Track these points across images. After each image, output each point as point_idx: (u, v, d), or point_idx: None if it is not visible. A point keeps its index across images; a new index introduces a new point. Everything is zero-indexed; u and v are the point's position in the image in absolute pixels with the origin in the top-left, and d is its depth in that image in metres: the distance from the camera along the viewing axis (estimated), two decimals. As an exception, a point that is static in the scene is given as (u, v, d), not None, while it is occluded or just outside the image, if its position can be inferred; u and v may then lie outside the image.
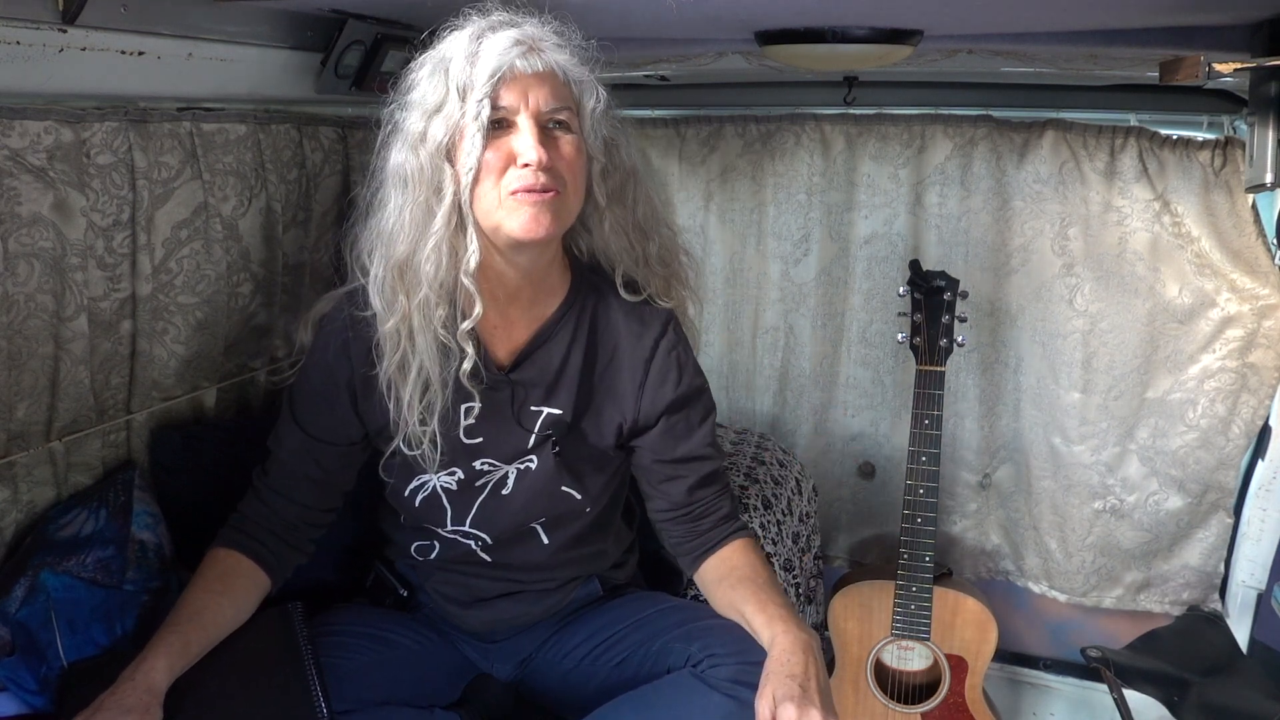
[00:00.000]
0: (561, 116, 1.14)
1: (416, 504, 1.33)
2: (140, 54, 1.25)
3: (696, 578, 1.39)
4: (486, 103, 1.09)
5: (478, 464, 1.30)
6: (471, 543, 1.35)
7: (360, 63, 1.55)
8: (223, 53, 1.38)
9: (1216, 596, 2.19)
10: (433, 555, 1.38)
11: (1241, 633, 2.09)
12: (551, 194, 1.13)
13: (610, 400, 1.32)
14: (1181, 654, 1.94)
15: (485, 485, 1.31)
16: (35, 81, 1.13)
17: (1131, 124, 2.04)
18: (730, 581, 1.31)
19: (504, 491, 1.32)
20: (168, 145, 1.44)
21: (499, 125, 1.11)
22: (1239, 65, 1.18)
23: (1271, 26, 1.23)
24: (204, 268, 1.56)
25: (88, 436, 1.44)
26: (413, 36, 1.17)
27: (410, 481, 1.31)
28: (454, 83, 1.10)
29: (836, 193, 2.30)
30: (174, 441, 1.55)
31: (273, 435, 1.33)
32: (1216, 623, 2.09)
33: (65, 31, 1.12)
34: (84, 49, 1.16)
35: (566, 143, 1.15)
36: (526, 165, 1.10)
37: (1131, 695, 1.81)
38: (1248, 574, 2.09)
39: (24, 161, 1.23)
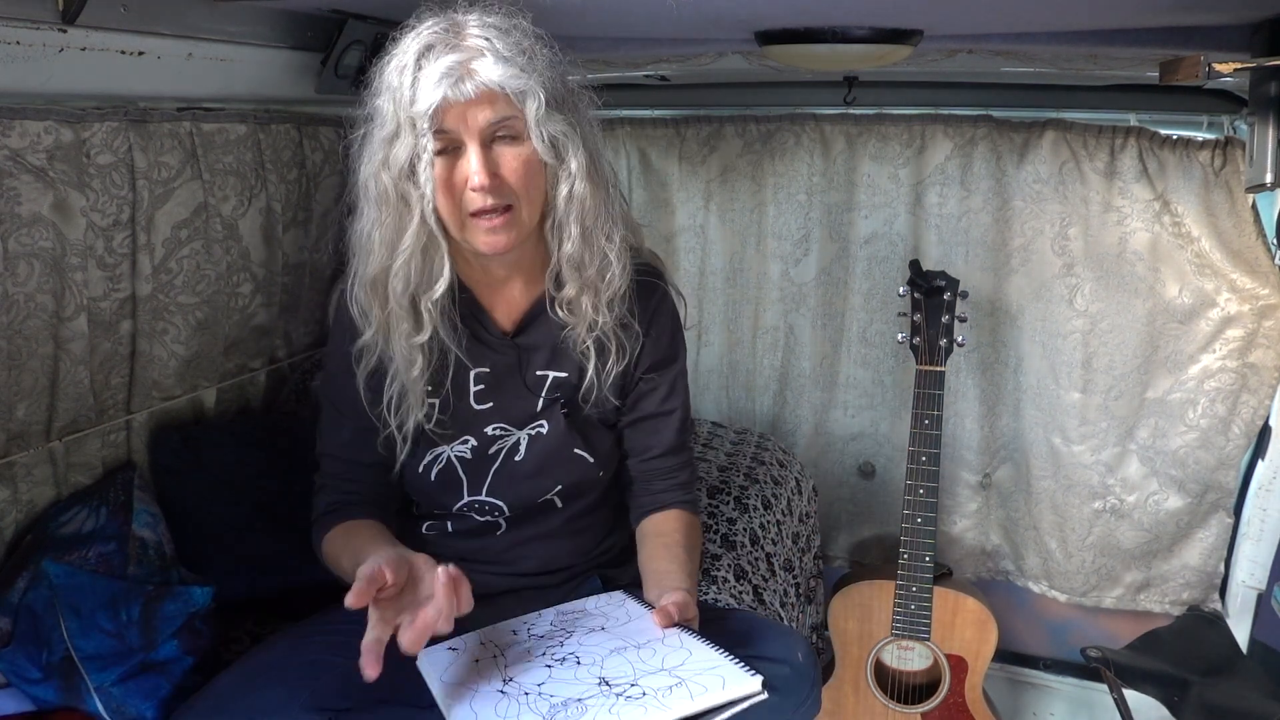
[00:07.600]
0: (506, 130, 1.17)
1: (432, 478, 1.34)
2: (140, 54, 1.25)
3: (637, 533, 1.42)
4: (428, 137, 1.14)
5: (489, 429, 1.33)
6: (490, 516, 1.36)
7: (360, 63, 1.55)
8: (223, 53, 1.39)
9: (1216, 596, 2.19)
10: (448, 529, 1.39)
11: (1241, 633, 2.09)
12: (504, 215, 1.18)
13: (615, 358, 1.36)
14: (1181, 654, 1.94)
15: (499, 453, 1.34)
16: (35, 81, 1.13)
17: (1131, 124, 2.04)
18: (653, 545, 1.35)
19: (516, 458, 1.34)
20: (168, 145, 1.44)
21: (449, 151, 1.16)
22: (1239, 65, 1.18)
23: (1271, 26, 1.23)
24: (204, 268, 1.56)
25: (88, 436, 1.44)
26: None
27: (424, 457, 1.33)
28: (401, 113, 1.15)
29: (836, 193, 2.30)
30: (174, 441, 1.55)
31: (320, 439, 1.37)
32: (1216, 623, 2.09)
33: (65, 31, 1.12)
34: (84, 49, 1.17)
35: (513, 155, 1.18)
36: (475, 189, 1.16)
37: (1131, 695, 1.81)
38: (1248, 574, 2.09)
39: (24, 161, 1.23)
